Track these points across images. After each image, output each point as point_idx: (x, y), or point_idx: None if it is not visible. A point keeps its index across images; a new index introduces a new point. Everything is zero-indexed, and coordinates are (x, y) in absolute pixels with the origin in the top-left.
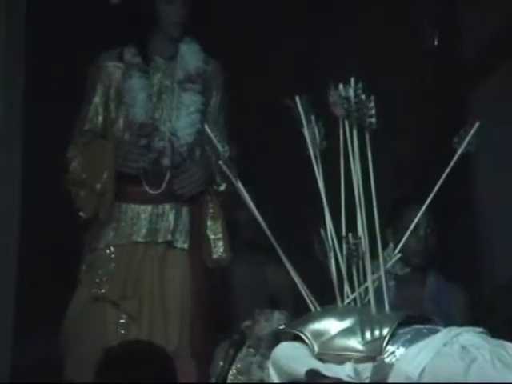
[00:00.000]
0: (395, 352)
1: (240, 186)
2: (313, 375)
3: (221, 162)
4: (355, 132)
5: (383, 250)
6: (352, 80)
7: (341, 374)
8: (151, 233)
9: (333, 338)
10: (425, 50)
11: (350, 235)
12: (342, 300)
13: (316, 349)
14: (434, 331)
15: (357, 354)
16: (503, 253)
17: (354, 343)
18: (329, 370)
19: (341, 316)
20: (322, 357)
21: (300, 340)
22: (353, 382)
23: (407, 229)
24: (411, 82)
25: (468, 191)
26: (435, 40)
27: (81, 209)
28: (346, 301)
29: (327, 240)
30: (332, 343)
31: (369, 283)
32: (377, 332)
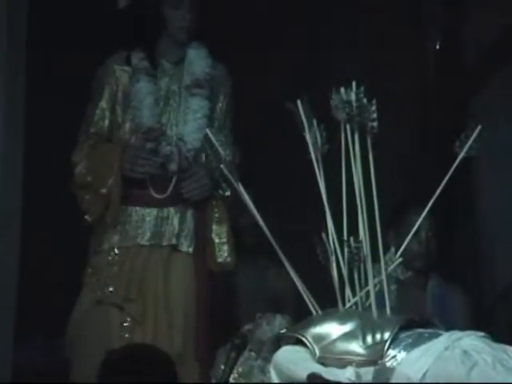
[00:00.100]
0: (396, 356)
1: (241, 190)
2: (314, 379)
3: (222, 166)
4: (357, 136)
5: (385, 254)
6: (353, 84)
7: (342, 378)
8: (156, 236)
9: (334, 342)
10: (426, 51)
11: (352, 239)
12: (344, 304)
13: (317, 352)
14: (436, 335)
15: (358, 358)
16: (504, 255)
17: (356, 347)
18: (330, 374)
19: (342, 320)
20: (324, 361)
21: (301, 344)
22: None
23: (409, 232)
24: (412, 83)
25: (469, 194)
26: (437, 41)
27: (86, 212)
28: (348, 304)
29: (328, 243)
30: (333, 347)
31: (370, 287)
32: (378, 336)
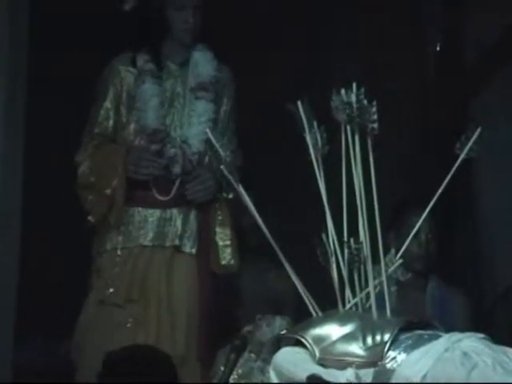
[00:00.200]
0: (396, 357)
1: (242, 191)
2: (314, 380)
3: (222, 167)
4: (357, 137)
5: (385, 256)
6: (354, 85)
7: (342, 380)
8: (158, 237)
9: (334, 343)
10: (426, 52)
11: (352, 240)
12: (344, 305)
13: (317, 354)
14: (436, 337)
15: (358, 360)
16: (504, 256)
17: (356, 348)
18: (330, 376)
19: (342, 321)
20: (324, 362)
21: (301, 345)
22: None
23: (409, 234)
24: (412, 83)
25: (469, 195)
26: (437, 42)
27: (89, 212)
28: (348, 306)
29: (329, 245)
30: (333, 348)
31: (370, 288)
32: (378, 337)
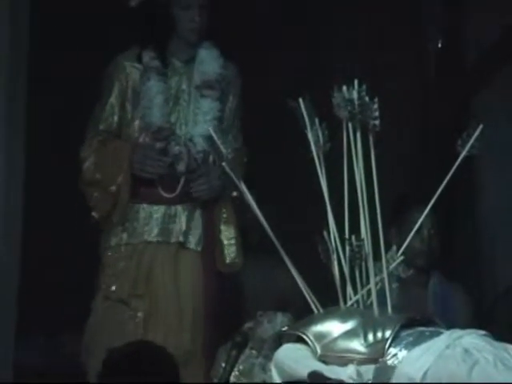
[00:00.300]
0: (397, 354)
1: (243, 188)
2: (315, 377)
3: (224, 164)
4: (359, 134)
5: (386, 252)
6: (356, 82)
7: (343, 376)
8: (163, 233)
9: (335, 340)
10: (427, 51)
11: (353, 237)
12: (345, 302)
13: (318, 350)
14: (437, 333)
15: (359, 356)
16: (505, 254)
17: (357, 345)
18: (331, 372)
19: (343, 318)
20: (325, 359)
21: (302, 342)
22: None
23: (411, 230)
24: (412, 83)
25: (470, 193)
26: (438, 41)
27: (93, 209)
28: (349, 303)
29: (330, 242)
30: (334, 345)
31: (372, 285)
32: (379, 334)
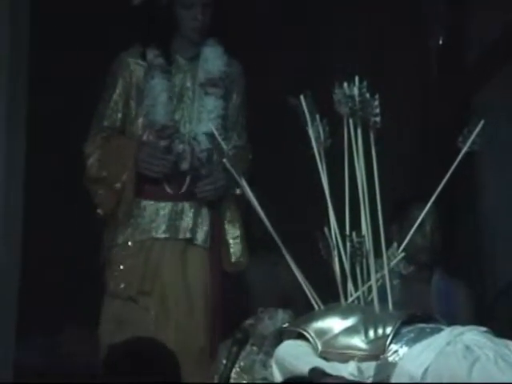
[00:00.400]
0: (398, 351)
1: (244, 184)
2: (316, 373)
3: (225, 160)
4: (359, 130)
5: (387, 249)
6: (356, 78)
7: (344, 373)
8: (170, 229)
9: (336, 337)
10: (428, 50)
11: (354, 234)
12: (346, 298)
13: (319, 347)
14: (438, 330)
15: (360, 353)
16: (506, 251)
17: (358, 342)
18: (332, 369)
19: (344, 314)
20: (326, 355)
21: (303, 338)
22: (356, 381)
23: (412, 226)
24: (413, 81)
25: (471, 190)
26: (439, 39)
27: (98, 206)
28: (350, 299)
29: (331, 238)
30: (335, 341)
31: (372, 282)
32: (380, 330)
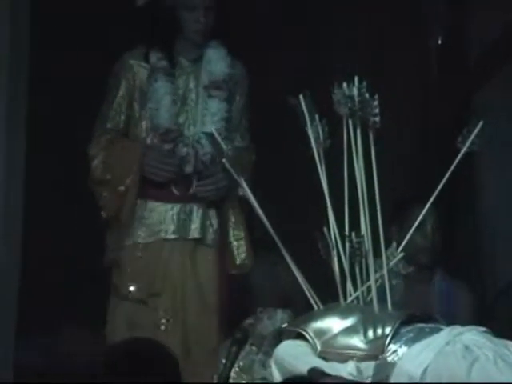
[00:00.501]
0: (397, 351)
1: (243, 184)
2: (315, 373)
3: (224, 160)
4: (359, 131)
5: (386, 249)
6: (356, 78)
7: (343, 373)
8: (180, 230)
9: (335, 337)
10: (428, 50)
11: (353, 234)
12: (345, 298)
13: (318, 347)
14: (437, 330)
15: (359, 353)
16: (505, 251)
17: (357, 341)
18: (331, 369)
19: (343, 314)
20: (325, 355)
21: (303, 338)
22: (355, 381)
23: (412, 226)
24: (413, 81)
25: (470, 190)
26: (439, 39)
27: (102, 208)
28: (349, 299)
29: (330, 238)
30: (334, 341)
31: (372, 282)
32: (379, 330)
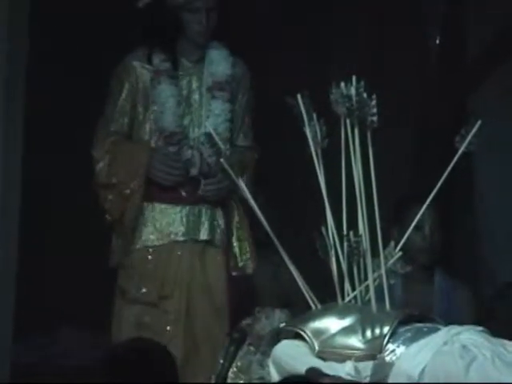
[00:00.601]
0: (395, 350)
1: (242, 185)
2: (313, 373)
3: (222, 160)
4: (357, 130)
5: (384, 249)
6: (354, 78)
7: (341, 373)
8: (189, 232)
9: (333, 336)
10: (427, 50)
11: (351, 233)
12: (343, 298)
13: (316, 347)
14: (435, 330)
15: (357, 353)
16: (504, 252)
17: (355, 341)
18: (329, 369)
19: (341, 314)
20: (323, 355)
21: (301, 338)
22: (353, 381)
23: (412, 227)
24: (412, 80)
25: (469, 191)
26: (437, 39)
27: (107, 211)
28: (347, 299)
29: (328, 238)
30: (332, 341)
31: (370, 281)
32: (377, 330)
